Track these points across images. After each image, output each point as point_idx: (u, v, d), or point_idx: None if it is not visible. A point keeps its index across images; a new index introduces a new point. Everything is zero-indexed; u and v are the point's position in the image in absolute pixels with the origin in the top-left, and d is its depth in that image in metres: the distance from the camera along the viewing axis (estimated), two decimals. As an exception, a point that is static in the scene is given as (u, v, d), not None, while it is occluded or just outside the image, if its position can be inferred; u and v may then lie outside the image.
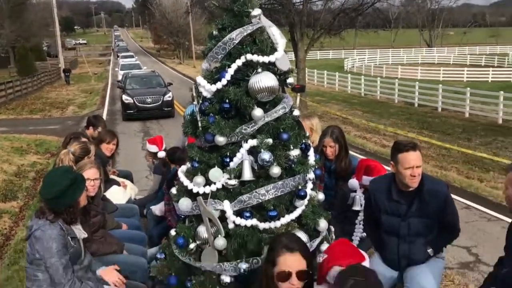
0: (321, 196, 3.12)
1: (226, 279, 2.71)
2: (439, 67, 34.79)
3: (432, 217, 3.32)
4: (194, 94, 2.86)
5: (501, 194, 8.24)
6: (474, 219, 6.99)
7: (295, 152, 2.77)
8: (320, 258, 2.47)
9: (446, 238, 3.50)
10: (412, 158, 3.19)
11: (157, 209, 4.73)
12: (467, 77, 31.04)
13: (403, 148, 3.23)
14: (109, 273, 3.23)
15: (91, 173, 3.72)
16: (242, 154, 2.71)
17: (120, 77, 25.85)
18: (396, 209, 3.36)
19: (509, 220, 6.86)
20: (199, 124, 2.78)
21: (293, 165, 2.78)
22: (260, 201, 2.70)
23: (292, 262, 2.28)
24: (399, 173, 3.26)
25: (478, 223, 6.88)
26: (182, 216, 3.03)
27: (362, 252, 2.64)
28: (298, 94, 15.90)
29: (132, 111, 17.25)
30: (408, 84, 23.19)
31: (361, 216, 3.97)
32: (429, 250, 3.38)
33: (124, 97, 17.59)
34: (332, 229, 3.13)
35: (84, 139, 4.76)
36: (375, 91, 25.26)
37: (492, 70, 32.04)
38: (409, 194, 3.31)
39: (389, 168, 3.49)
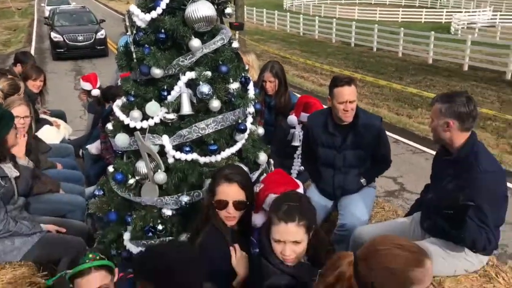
0: (261, 130, 3.14)
1: (168, 212, 2.72)
2: (375, 7, 35.15)
3: (366, 149, 3.45)
4: (128, 24, 2.71)
5: (427, 128, 8.83)
6: (401, 152, 7.47)
7: (234, 85, 2.73)
8: (257, 188, 2.53)
9: (378, 169, 3.67)
10: (346, 93, 3.25)
11: (94, 147, 4.59)
12: (402, 18, 31.66)
13: (338, 83, 3.29)
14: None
15: (20, 111, 3.51)
16: (180, 87, 2.63)
17: (47, 13, 24.06)
18: (332, 142, 3.46)
19: (432, 152, 7.47)
20: (134, 56, 2.65)
21: (233, 99, 2.74)
22: (200, 135, 2.68)
23: (229, 192, 2.36)
24: (334, 107, 3.34)
25: (404, 155, 7.37)
26: (120, 152, 2.95)
27: (297, 180, 2.72)
28: (237, 32, 15.57)
29: (62, 50, 16.28)
30: (345, 23, 23.37)
31: (299, 151, 4.06)
32: (362, 180, 3.55)
33: (53, 34, 16.45)
34: (272, 162, 3.19)
35: (11, 76, 4.46)
36: (314, 31, 25.28)
37: (426, 11, 32.83)
38: (344, 128, 3.41)
39: (326, 106, 3.56)
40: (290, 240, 2.05)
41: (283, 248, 2.06)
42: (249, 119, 2.87)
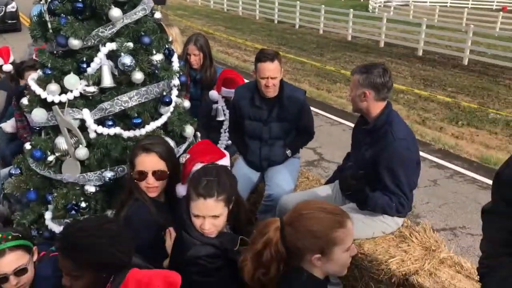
0: (186, 103, 3.11)
1: (91, 189, 2.64)
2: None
3: (291, 122, 3.54)
4: (41, -9, 2.54)
5: (345, 102, 9.31)
6: (321, 124, 7.84)
7: (158, 57, 2.67)
8: (183, 159, 2.51)
9: (302, 140, 3.78)
10: (268, 68, 3.28)
11: (8, 125, 4.28)
12: (323, -5, 32.35)
13: (262, 58, 3.31)
14: None
15: None
16: (100, 59, 2.52)
17: None
18: (258, 115, 3.51)
19: (348, 123, 7.90)
20: (49, 26, 2.50)
21: (156, 71, 2.69)
22: (123, 108, 2.60)
23: (148, 162, 2.33)
24: (258, 81, 3.38)
25: (323, 127, 7.78)
26: (37, 128, 2.80)
27: (223, 150, 2.73)
28: (159, 6, 15.13)
29: (-32, 25, 14.89)
30: (268, 0, 23.48)
31: (225, 125, 4.08)
32: (288, 152, 3.64)
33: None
34: (199, 135, 3.18)
35: None
36: (237, 7, 25.14)
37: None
38: (270, 101, 3.47)
39: (247, 81, 3.58)
40: (209, 215, 2.04)
41: (202, 223, 2.05)
42: (174, 92, 2.83)
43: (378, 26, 17.40)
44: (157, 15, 2.78)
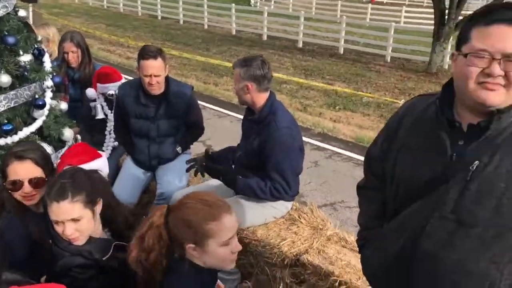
0: (63, 105, 2.93)
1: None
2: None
3: (179, 118, 3.51)
4: None
5: (231, 94, 9.55)
6: (209, 117, 7.98)
7: (26, 58, 2.50)
8: (55, 163, 2.36)
9: (192, 135, 3.77)
10: (151, 66, 3.21)
11: None
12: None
13: (144, 55, 3.22)
14: None
15: None
16: (-42, 62, 2.29)
17: None
18: (144, 113, 3.43)
19: (235, 115, 8.12)
20: None
21: (26, 73, 2.51)
22: (-9, 115, 2.39)
23: (22, 170, 2.14)
24: (142, 78, 3.30)
25: (211, 120, 7.91)
26: None
27: (101, 151, 2.61)
28: (30, 4, 14.00)
29: None
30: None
31: (109, 126, 3.92)
32: (178, 148, 3.61)
33: None
34: (79, 137, 3.03)
35: None
36: (118, 3, 24.22)
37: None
38: (156, 98, 3.40)
39: (127, 77, 3.47)
40: (67, 219, 1.92)
41: (63, 228, 1.92)
42: (48, 94, 2.66)
43: (260, 20, 17.89)
44: (21, 13, 2.58)
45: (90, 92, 3.87)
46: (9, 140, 2.46)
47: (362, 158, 1.94)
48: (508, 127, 1.36)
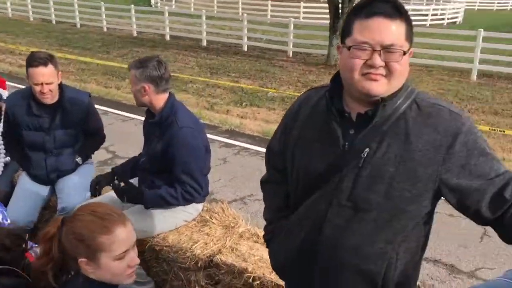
0: None
1: None
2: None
3: (77, 127, 3.33)
4: None
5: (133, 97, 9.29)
6: (111, 122, 7.77)
7: None
8: None
9: (93, 144, 3.60)
10: (41, 73, 3.01)
11: None
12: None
13: (32, 63, 3.01)
14: None
15: None
16: None
17: None
18: (38, 124, 3.21)
19: (140, 118, 7.88)
20: None
21: None
22: None
23: None
24: (32, 87, 3.08)
25: (114, 125, 7.74)
26: None
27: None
28: None
29: None
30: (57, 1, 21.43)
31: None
32: (78, 159, 3.42)
33: None
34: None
35: None
36: (6, 8, 22.51)
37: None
38: (50, 107, 3.19)
39: (21, 86, 3.23)
40: None
41: None
42: None
43: (162, 20, 17.57)
44: None
45: None
46: None
47: (268, 152, 1.95)
48: (392, 114, 1.43)
